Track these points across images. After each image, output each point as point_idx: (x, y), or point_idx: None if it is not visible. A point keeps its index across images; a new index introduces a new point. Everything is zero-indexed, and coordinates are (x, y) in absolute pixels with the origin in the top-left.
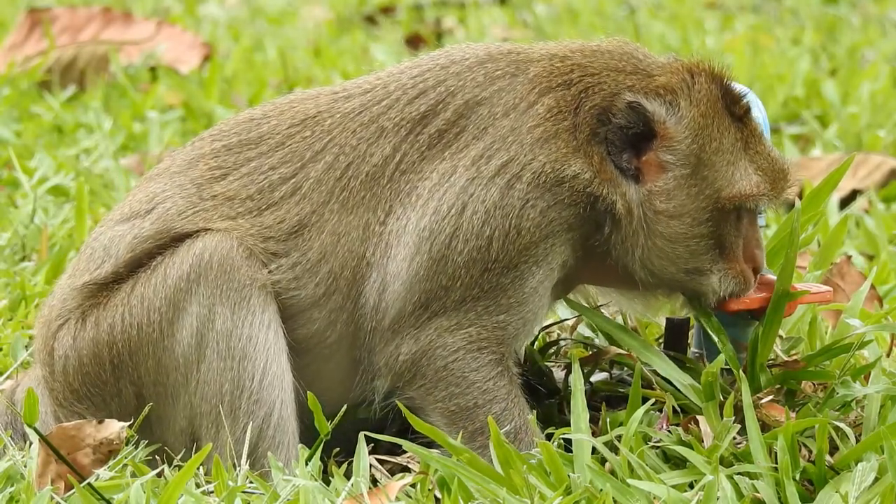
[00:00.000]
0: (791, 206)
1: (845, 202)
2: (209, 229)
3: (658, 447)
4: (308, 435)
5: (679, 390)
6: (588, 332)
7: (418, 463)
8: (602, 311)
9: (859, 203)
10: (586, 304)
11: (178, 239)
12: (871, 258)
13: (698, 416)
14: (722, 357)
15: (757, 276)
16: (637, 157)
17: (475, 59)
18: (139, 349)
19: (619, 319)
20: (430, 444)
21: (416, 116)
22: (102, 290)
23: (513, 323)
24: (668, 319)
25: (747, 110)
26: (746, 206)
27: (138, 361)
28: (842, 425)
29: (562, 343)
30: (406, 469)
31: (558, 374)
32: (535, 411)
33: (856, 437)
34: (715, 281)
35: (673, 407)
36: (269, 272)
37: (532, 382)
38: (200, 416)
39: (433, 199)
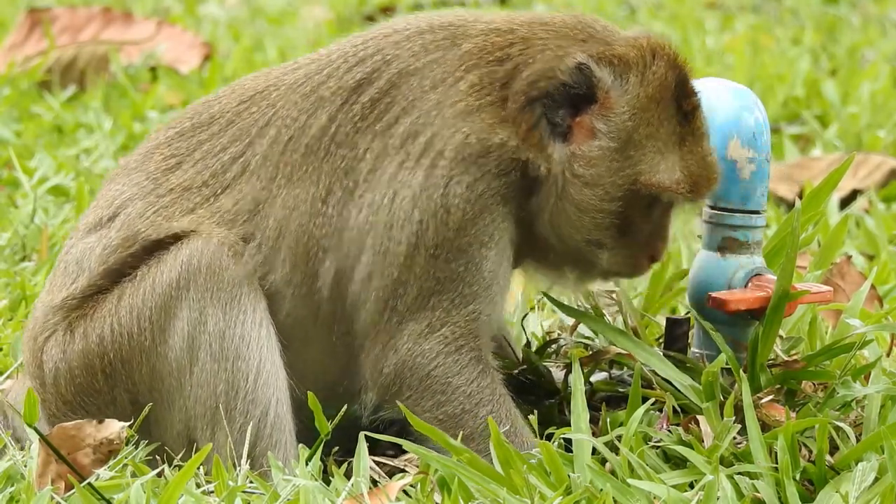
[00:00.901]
0: (791, 205)
1: (845, 202)
2: (177, 234)
3: (658, 447)
4: (306, 433)
5: (679, 390)
6: (588, 332)
7: (416, 466)
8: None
9: (859, 203)
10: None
11: (148, 246)
12: (871, 258)
13: (698, 416)
14: (722, 357)
15: (651, 265)
16: (572, 117)
17: (415, 30)
18: (131, 357)
19: (620, 321)
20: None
21: (353, 85)
22: (84, 302)
23: (483, 310)
24: (668, 319)
25: (696, 108)
26: (660, 198)
27: (131, 369)
28: (842, 425)
29: (562, 343)
30: (403, 471)
31: (558, 374)
32: (535, 411)
33: (856, 436)
34: (607, 257)
35: (673, 407)
36: (245, 261)
37: (531, 381)
38: (196, 418)
39: (369, 189)
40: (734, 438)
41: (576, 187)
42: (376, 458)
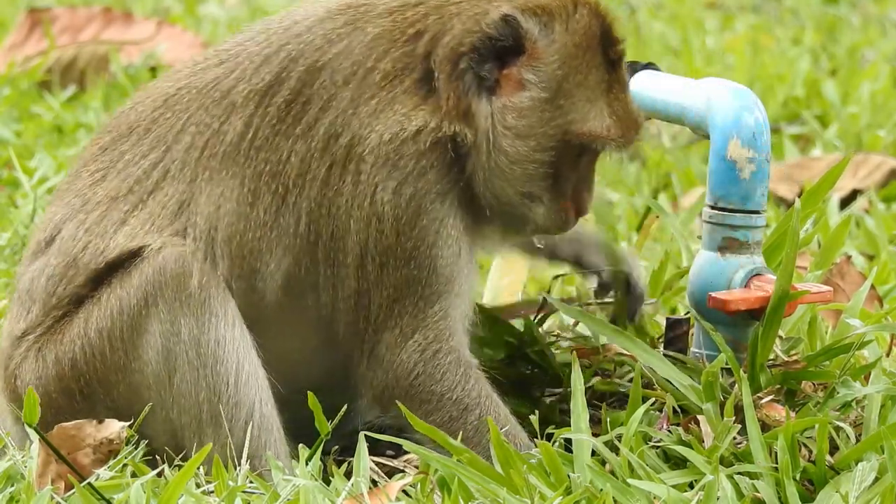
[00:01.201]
0: (791, 205)
1: (846, 202)
2: (122, 253)
3: (658, 447)
4: (294, 430)
5: (679, 390)
6: (588, 332)
7: (415, 466)
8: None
9: (859, 203)
10: (578, 305)
11: (93, 275)
12: (871, 258)
13: (698, 417)
14: (722, 357)
15: (577, 219)
16: (499, 70)
17: (314, 19)
18: (107, 377)
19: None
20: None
21: (263, 88)
22: (48, 330)
23: (449, 306)
24: (668, 319)
25: (621, 56)
26: (592, 146)
27: (109, 388)
28: (842, 425)
29: (562, 343)
30: (403, 472)
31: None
32: (536, 411)
33: (856, 437)
34: (541, 211)
35: (673, 407)
36: (204, 262)
37: (532, 367)
38: (182, 428)
39: (301, 196)
40: (734, 438)
41: (508, 139)
42: (376, 459)
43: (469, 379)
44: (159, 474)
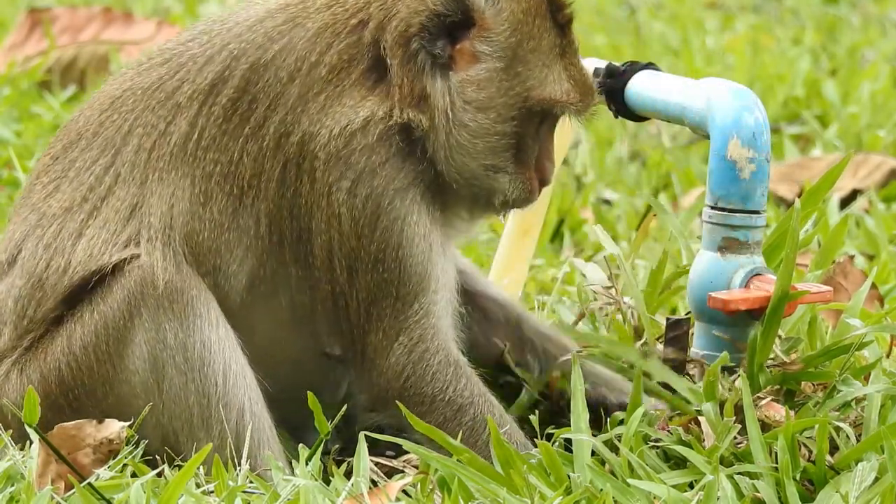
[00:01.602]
0: (790, 204)
1: (846, 202)
2: (83, 272)
3: (658, 447)
4: (290, 431)
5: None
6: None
7: (415, 466)
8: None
9: (860, 203)
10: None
11: (62, 298)
12: (871, 258)
13: (699, 417)
14: (724, 357)
15: (542, 189)
16: (452, 45)
17: (255, 19)
18: (95, 390)
19: (619, 317)
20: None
21: (206, 87)
22: (27, 350)
23: (429, 302)
24: (668, 319)
25: (570, 20)
26: (552, 111)
27: (97, 399)
28: (842, 425)
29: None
30: (403, 472)
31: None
32: (536, 411)
33: (856, 437)
34: (506, 181)
35: (673, 408)
36: (176, 264)
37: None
38: (174, 433)
39: (259, 197)
40: (734, 438)
41: (469, 113)
42: (375, 459)
43: (460, 378)
44: (159, 474)
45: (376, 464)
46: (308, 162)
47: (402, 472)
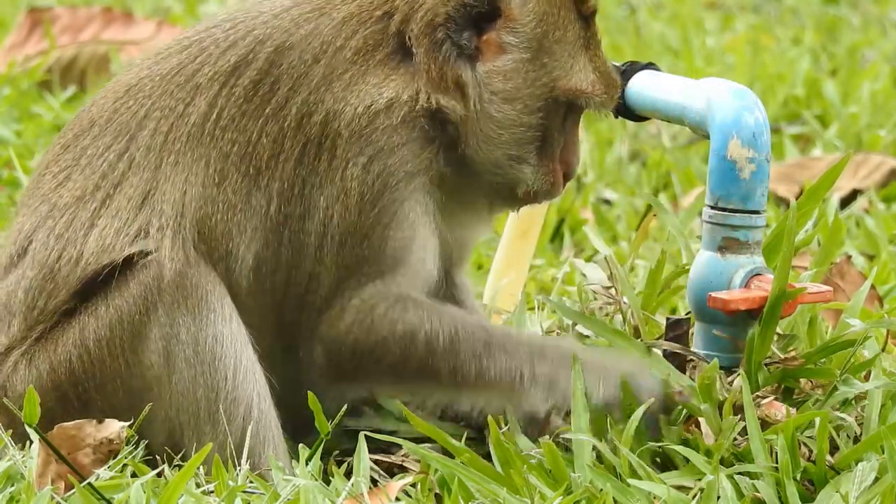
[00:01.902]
0: (790, 204)
1: (846, 202)
2: (96, 266)
3: (659, 448)
4: (294, 428)
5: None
6: (587, 332)
7: (416, 460)
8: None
9: (859, 203)
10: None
11: (74, 290)
12: (871, 258)
13: (699, 418)
14: (714, 364)
15: (566, 183)
16: (478, 36)
17: (282, 7)
18: (105, 384)
19: (619, 320)
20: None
21: (228, 69)
22: (37, 342)
23: (394, 279)
24: (668, 319)
25: (594, 12)
26: (578, 103)
27: (107, 394)
28: (846, 416)
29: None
30: (402, 467)
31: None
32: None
33: (857, 433)
34: (530, 172)
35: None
36: (191, 258)
37: None
38: (180, 426)
39: (274, 178)
40: (734, 438)
41: (495, 104)
42: (376, 457)
43: (407, 309)
44: (159, 474)
45: (376, 461)
46: (330, 140)
47: (403, 466)
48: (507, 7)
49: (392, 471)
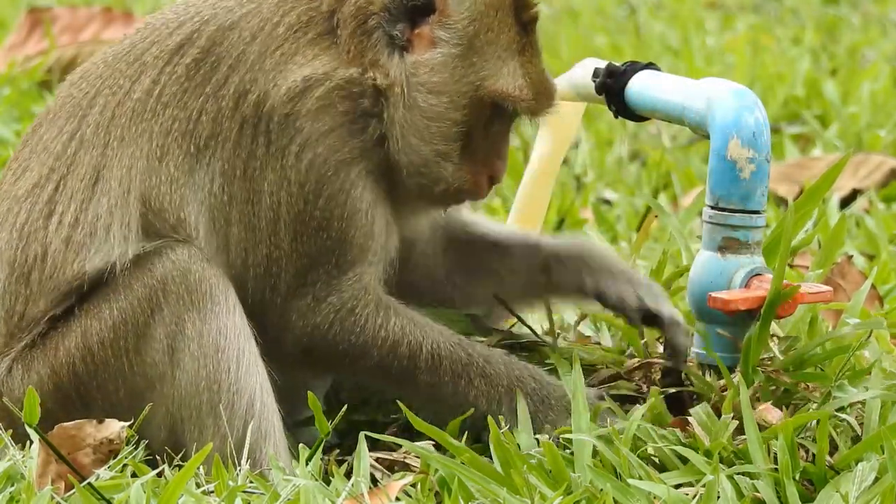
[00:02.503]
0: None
1: (846, 202)
2: (46, 248)
3: (659, 448)
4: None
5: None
6: (588, 332)
7: (418, 458)
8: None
9: (860, 203)
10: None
11: (55, 298)
12: (871, 258)
13: (692, 420)
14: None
15: (492, 186)
16: (411, 29)
17: None
18: (107, 384)
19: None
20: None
21: (173, 48)
22: (31, 345)
23: (364, 273)
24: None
25: (534, 20)
26: (504, 105)
27: (108, 394)
28: (846, 417)
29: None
30: (404, 464)
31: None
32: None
33: (857, 435)
34: (451, 170)
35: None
36: (191, 250)
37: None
38: (182, 421)
39: (215, 156)
40: (734, 439)
41: (422, 95)
42: (376, 454)
43: (390, 317)
44: (159, 474)
45: (377, 459)
46: (263, 123)
47: (404, 463)
48: (443, 3)
49: (393, 468)
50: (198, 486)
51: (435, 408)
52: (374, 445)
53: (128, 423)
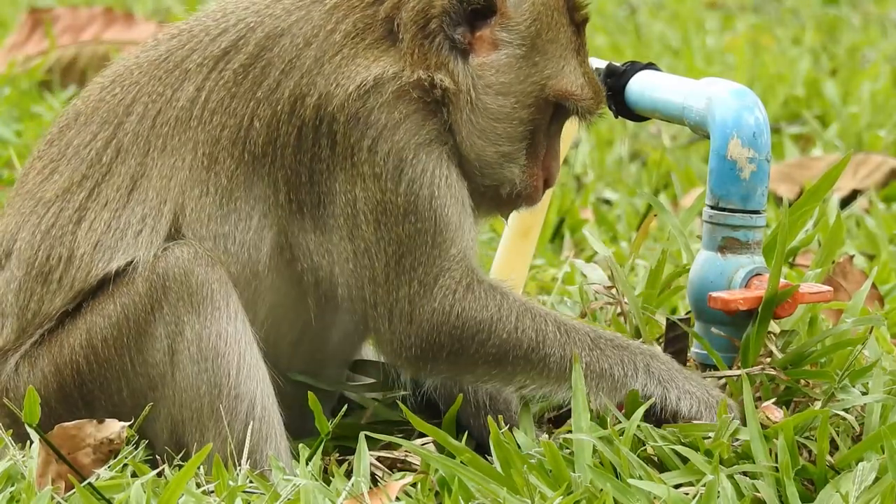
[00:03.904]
0: (791, 204)
1: (846, 202)
2: (74, 252)
3: (659, 447)
4: (298, 423)
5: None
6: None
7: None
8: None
9: (860, 203)
10: None
11: (73, 297)
12: (871, 258)
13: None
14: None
15: (545, 190)
16: (472, 32)
17: None
18: (110, 383)
19: (627, 323)
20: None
21: (218, 54)
22: (39, 343)
23: (465, 248)
24: (668, 319)
25: (586, 20)
26: (566, 105)
27: (111, 393)
28: (846, 415)
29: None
30: (405, 462)
31: None
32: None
33: (857, 434)
34: (517, 172)
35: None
36: (199, 254)
37: None
38: (183, 423)
39: (275, 164)
40: (734, 439)
41: (489, 96)
42: (377, 453)
43: (506, 297)
44: (159, 474)
45: (378, 457)
46: (326, 125)
47: (405, 462)
48: (503, 4)
49: (394, 466)
50: (198, 486)
51: (555, 387)
52: (374, 445)
53: (128, 423)
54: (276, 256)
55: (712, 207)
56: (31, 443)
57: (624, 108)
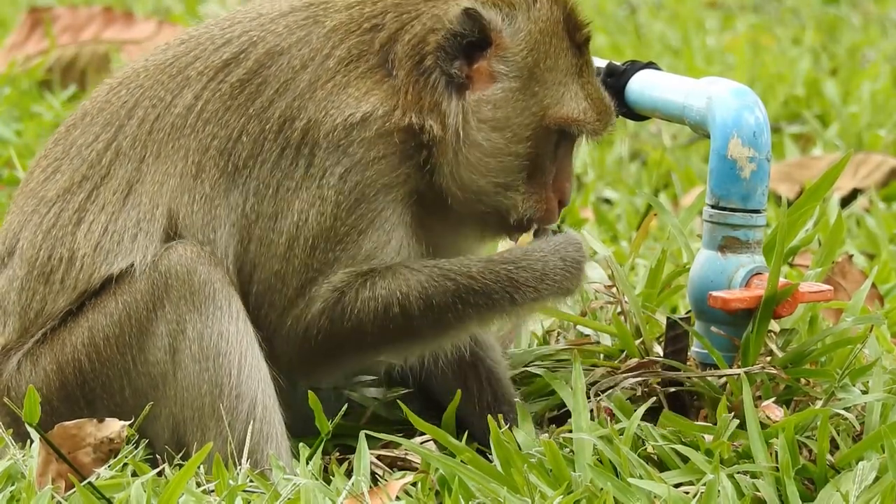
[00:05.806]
0: (791, 203)
1: (846, 202)
2: (74, 253)
3: (660, 447)
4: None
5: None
6: (588, 331)
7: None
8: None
9: (860, 202)
10: None
11: (76, 298)
12: (871, 257)
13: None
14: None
15: (561, 209)
16: (469, 65)
17: (278, 12)
18: (112, 381)
19: (627, 322)
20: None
21: (219, 65)
22: (41, 342)
23: (364, 263)
24: (668, 318)
25: (587, 39)
26: (569, 131)
27: (113, 392)
28: (846, 414)
29: (561, 342)
30: (405, 461)
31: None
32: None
33: (857, 433)
34: (520, 199)
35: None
36: (202, 255)
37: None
38: (184, 422)
39: (251, 176)
40: (734, 438)
41: (483, 132)
42: (377, 452)
43: (375, 283)
44: (160, 473)
45: (378, 456)
46: (308, 148)
47: (405, 460)
48: (498, 35)
49: (394, 465)
50: (198, 485)
51: (448, 343)
52: (375, 444)
53: (129, 423)
54: (235, 263)
55: (712, 207)
56: (32, 442)
57: (624, 108)
